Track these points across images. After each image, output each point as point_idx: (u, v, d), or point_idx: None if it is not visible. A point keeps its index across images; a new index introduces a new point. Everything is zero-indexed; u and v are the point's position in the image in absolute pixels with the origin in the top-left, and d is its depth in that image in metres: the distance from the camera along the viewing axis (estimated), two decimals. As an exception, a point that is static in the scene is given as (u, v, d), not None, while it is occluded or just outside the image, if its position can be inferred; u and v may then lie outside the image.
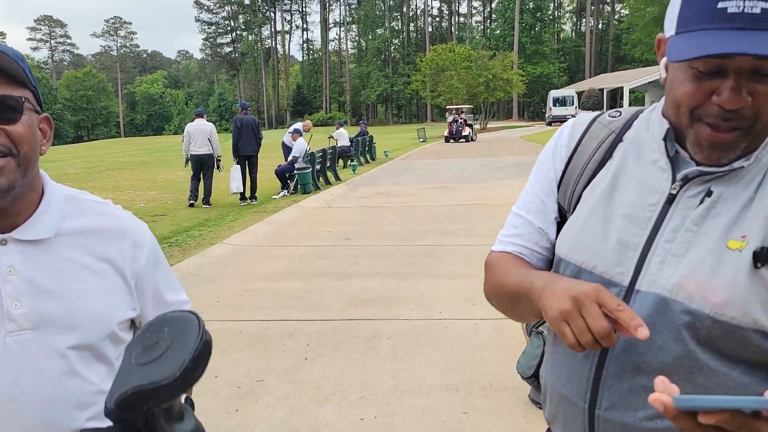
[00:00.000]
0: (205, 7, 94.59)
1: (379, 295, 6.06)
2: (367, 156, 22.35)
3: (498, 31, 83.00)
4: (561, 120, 45.77)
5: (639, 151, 1.13)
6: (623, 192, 1.11)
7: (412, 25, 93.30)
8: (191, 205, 12.27)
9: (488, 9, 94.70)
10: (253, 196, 12.79)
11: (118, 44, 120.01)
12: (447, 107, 45.15)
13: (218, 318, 5.54)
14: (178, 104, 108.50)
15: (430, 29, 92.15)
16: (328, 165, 15.77)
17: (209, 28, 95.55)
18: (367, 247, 8.18)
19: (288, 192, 13.68)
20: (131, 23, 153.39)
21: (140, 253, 1.26)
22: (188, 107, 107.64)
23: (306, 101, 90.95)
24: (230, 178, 12.45)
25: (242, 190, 12.53)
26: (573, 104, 46.15)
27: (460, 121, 33.32)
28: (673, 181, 1.06)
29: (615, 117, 1.20)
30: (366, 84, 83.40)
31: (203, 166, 12.24)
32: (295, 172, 13.61)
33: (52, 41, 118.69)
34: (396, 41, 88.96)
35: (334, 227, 9.74)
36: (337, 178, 16.21)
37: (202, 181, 12.34)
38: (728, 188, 1.02)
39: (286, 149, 14.69)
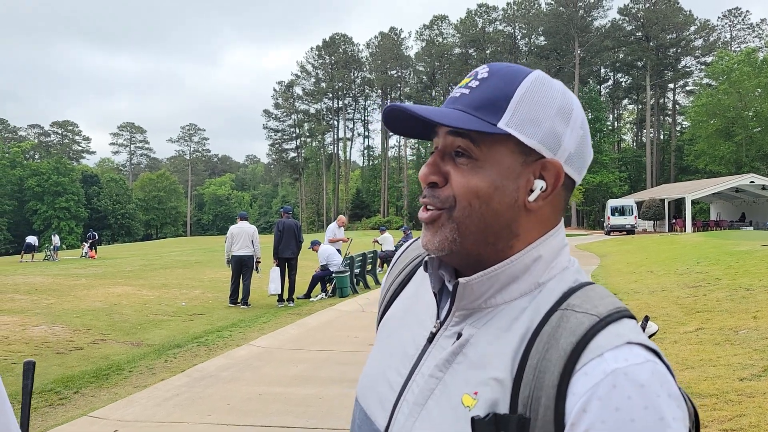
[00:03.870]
0: (273, 116, 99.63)
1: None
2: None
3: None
4: (620, 229, 45.11)
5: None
6: (407, 324, 0.98)
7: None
8: (231, 305, 12.48)
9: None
10: (290, 298, 12.91)
11: (191, 149, 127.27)
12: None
13: (222, 422, 5.51)
14: (243, 205, 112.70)
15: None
16: (368, 269, 15.86)
17: (275, 135, 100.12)
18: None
19: (325, 295, 13.76)
20: (204, 130, 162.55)
21: None
22: (252, 208, 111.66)
23: (364, 205, 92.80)
24: (269, 279, 12.67)
25: (280, 292, 12.69)
26: (632, 214, 45.51)
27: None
28: (438, 316, 0.93)
29: None
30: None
31: (243, 266, 12.52)
32: (333, 275, 13.75)
33: (132, 146, 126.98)
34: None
35: (363, 332, 9.67)
36: (377, 282, 16.26)
37: (241, 282, 12.60)
38: (479, 331, 0.87)
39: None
